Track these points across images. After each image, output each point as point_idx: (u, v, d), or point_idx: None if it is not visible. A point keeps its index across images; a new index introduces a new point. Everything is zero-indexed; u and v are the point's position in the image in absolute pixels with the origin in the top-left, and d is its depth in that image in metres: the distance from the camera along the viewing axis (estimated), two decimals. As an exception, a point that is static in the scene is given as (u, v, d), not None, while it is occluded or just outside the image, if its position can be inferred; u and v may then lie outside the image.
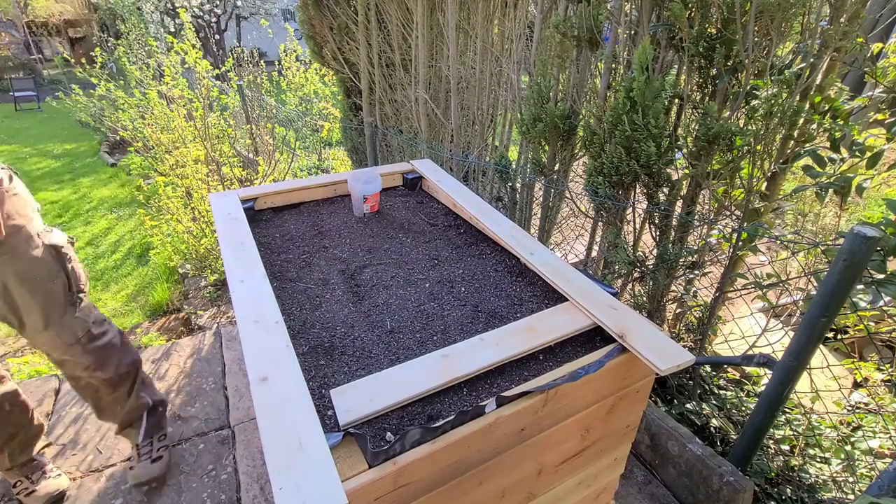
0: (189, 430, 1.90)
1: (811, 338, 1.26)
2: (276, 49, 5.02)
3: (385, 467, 0.77)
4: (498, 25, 2.66)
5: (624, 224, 1.97)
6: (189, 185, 3.14)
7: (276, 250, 1.43)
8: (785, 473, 1.60)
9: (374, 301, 1.21)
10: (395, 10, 3.01)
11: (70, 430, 1.90)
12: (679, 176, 1.79)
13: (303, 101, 4.91)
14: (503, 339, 1.03)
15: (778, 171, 1.64)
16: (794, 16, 1.37)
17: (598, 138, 1.79)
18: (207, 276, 3.19)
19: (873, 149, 1.45)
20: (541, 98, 1.99)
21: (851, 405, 1.85)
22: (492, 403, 0.87)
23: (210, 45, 11.50)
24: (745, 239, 1.60)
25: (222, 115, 3.64)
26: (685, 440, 1.59)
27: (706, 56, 1.52)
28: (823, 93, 1.48)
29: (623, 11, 1.81)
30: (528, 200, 2.55)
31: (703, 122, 1.56)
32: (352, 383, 0.92)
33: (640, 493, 1.67)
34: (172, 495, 1.65)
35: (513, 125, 2.75)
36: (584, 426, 1.08)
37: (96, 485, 1.69)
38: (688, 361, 0.96)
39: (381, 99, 3.46)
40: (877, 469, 1.52)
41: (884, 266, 1.19)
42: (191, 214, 3.21)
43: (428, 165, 1.91)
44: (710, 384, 1.96)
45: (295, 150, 4.66)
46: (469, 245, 1.49)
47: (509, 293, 1.25)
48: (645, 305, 1.96)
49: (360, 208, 1.64)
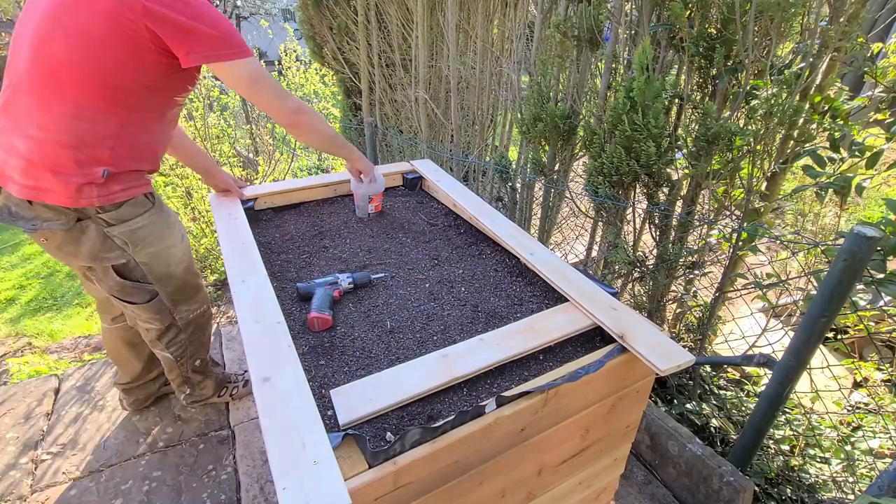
0: (189, 430, 1.90)
1: (811, 338, 1.26)
2: (276, 49, 5.01)
3: (385, 467, 0.77)
4: (498, 25, 2.66)
5: (624, 224, 1.97)
6: (189, 184, 3.13)
7: (276, 250, 1.43)
8: (785, 473, 1.60)
9: (373, 301, 1.21)
10: (395, 10, 3.01)
11: (70, 430, 1.90)
12: (679, 176, 1.79)
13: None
14: (503, 339, 1.03)
15: (778, 171, 1.64)
16: (794, 16, 1.37)
17: (598, 138, 1.79)
18: (207, 275, 3.19)
19: (873, 149, 1.45)
20: (541, 98, 1.99)
21: (851, 405, 1.85)
22: (492, 403, 0.87)
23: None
24: (745, 239, 1.60)
25: (222, 115, 3.64)
26: (685, 440, 1.59)
27: (706, 56, 1.52)
28: (823, 93, 1.48)
29: (623, 11, 1.81)
30: (528, 200, 2.55)
31: (703, 122, 1.56)
32: (352, 383, 0.92)
33: (640, 493, 1.67)
34: (172, 495, 1.65)
35: (513, 125, 2.75)
36: (584, 426, 1.08)
37: (96, 485, 1.69)
38: (688, 361, 0.96)
39: (381, 99, 3.46)
40: (877, 469, 1.52)
41: (884, 266, 1.19)
42: (191, 214, 3.21)
43: (428, 165, 1.91)
44: (710, 384, 1.96)
45: (295, 150, 4.66)
46: (469, 245, 1.49)
47: (509, 293, 1.25)
48: (645, 305, 1.96)
49: (365, 209, 1.64)
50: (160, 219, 1.39)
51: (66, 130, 1.12)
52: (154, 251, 1.39)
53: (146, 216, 1.33)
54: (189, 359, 1.68)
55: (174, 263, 1.45)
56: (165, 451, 1.82)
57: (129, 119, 1.19)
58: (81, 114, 1.12)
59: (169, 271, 1.45)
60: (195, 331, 1.64)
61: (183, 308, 1.56)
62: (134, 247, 1.34)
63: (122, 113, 1.17)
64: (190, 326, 1.61)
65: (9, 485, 1.68)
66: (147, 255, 1.38)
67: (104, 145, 1.16)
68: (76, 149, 1.14)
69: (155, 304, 1.48)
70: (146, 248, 1.36)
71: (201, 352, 1.72)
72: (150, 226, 1.35)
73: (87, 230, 1.25)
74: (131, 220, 1.29)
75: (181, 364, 1.68)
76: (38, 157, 1.13)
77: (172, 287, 1.49)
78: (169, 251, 1.43)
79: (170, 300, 1.51)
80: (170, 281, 1.47)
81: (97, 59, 1.08)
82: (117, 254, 1.33)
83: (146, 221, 1.33)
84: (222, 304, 2.94)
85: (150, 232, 1.35)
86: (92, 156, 1.16)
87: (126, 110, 1.17)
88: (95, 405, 2.02)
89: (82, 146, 1.14)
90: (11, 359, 2.62)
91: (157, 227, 1.37)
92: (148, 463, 1.77)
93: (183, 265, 1.49)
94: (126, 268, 1.38)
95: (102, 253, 1.30)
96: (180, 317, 1.56)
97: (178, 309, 1.54)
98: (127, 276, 1.39)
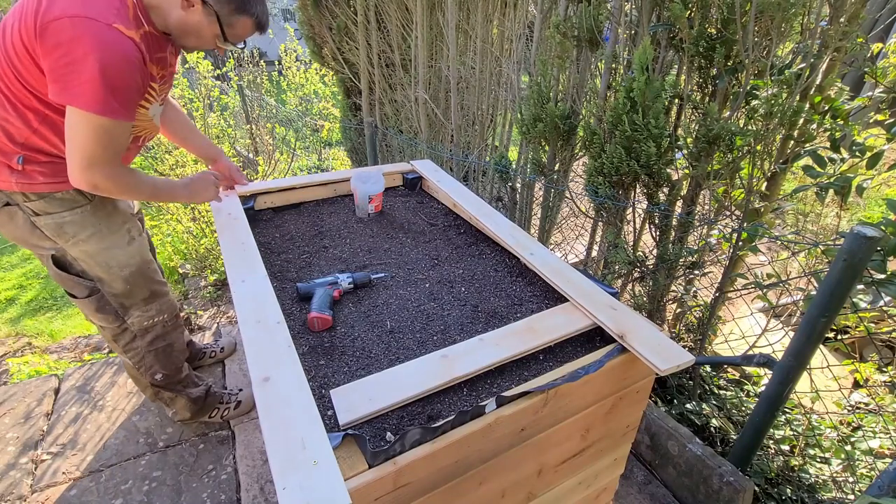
0: (189, 430, 1.90)
1: (811, 338, 1.26)
2: (276, 49, 5.01)
3: (385, 467, 0.77)
4: (498, 25, 2.66)
5: (624, 224, 1.97)
6: (189, 185, 3.13)
7: (276, 250, 1.43)
8: (785, 473, 1.60)
9: (373, 301, 1.21)
10: (395, 10, 3.01)
11: (70, 430, 1.90)
12: (679, 176, 1.79)
13: (303, 101, 4.91)
14: (503, 339, 1.03)
15: (778, 172, 1.64)
16: (794, 16, 1.37)
17: (598, 138, 1.79)
18: (207, 276, 3.19)
19: (873, 149, 1.45)
20: (541, 98, 1.99)
21: (851, 405, 1.85)
22: (492, 403, 0.87)
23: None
24: (745, 239, 1.60)
25: (222, 115, 3.64)
26: (685, 440, 1.59)
27: (706, 56, 1.52)
28: (823, 93, 1.48)
29: (623, 11, 1.81)
30: (528, 200, 2.55)
31: (704, 123, 1.56)
32: (352, 383, 0.92)
33: (640, 493, 1.67)
34: (172, 495, 1.65)
35: (513, 125, 2.75)
36: (584, 426, 1.08)
37: (96, 485, 1.69)
38: (688, 361, 0.96)
39: (380, 99, 3.46)
40: (877, 469, 1.52)
41: (884, 266, 1.19)
42: (191, 214, 3.21)
43: (428, 166, 1.91)
44: (710, 384, 1.96)
45: (295, 150, 4.66)
46: (469, 245, 1.49)
47: (509, 293, 1.25)
48: (645, 305, 1.96)
49: (365, 209, 1.63)
50: (97, 218, 1.38)
51: None
52: (88, 249, 1.39)
53: (77, 212, 1.34)
54: (148, 369, 1.65)
55: (116, 266, 1.44)
56: (165, 451, 1.82)
57: (45, 122, 1.23)
58: (2, 106, 1.21)
59: (109, 273, 1.44)
60: (155, 340, 1.61)
61: (135, 313, 1.53)
62: (63, 240, 1.35)
63: (38, 116, 1.22)
64: (148, 334, 1.58)
65: (9, 485, 1.68)
66: (81, 252, 1.39)
67: (16, 140, 1.23)
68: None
69: (95, 301, 1.47)
70: (78, 244, 1.37)
71: (165, 366, 1.67)
72: (82, 223, 1.35)
73: (14, 216, 1.31)
74: (57, 212, 1.31)
75: (141, 373, 1.66)
76: None
77: (117, 289, 1.47)
78: (109, 252, 1.42)
79: (116, 302, 1.50)
80: (113, 282, 1.46)
81: (10, 66, 1.16)
82: (49, 244, 1.36)
83: (76, 217, 1.34)
84: (222, 304, 2.94)
85: (82, 228, 1.35)
86: (7, 145, 1.23)
87: (41, 115, 1.22)
88: (95, 405, 2.02)
89: (1, 134, 1.23)
90: (11, 359, 2.62)
91: (92, 226, 1.37)
92: (148, 463, 1.77)
93: (128, 269, 1.46)
94: (63, 260, 1.41)
95: (33, 240, 1.35)
96: (133, 321, 1.54)
97: (129, 313, 1.53)
98: (66, 268, 1.42)
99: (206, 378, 1.96)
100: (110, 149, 1.19)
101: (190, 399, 1.80)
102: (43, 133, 1.23)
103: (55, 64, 1.09)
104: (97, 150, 1.17)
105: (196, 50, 1.42)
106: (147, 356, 1.62)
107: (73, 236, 1.35)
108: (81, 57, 1.07)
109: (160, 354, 1.64)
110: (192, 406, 1.81)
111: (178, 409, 1.81)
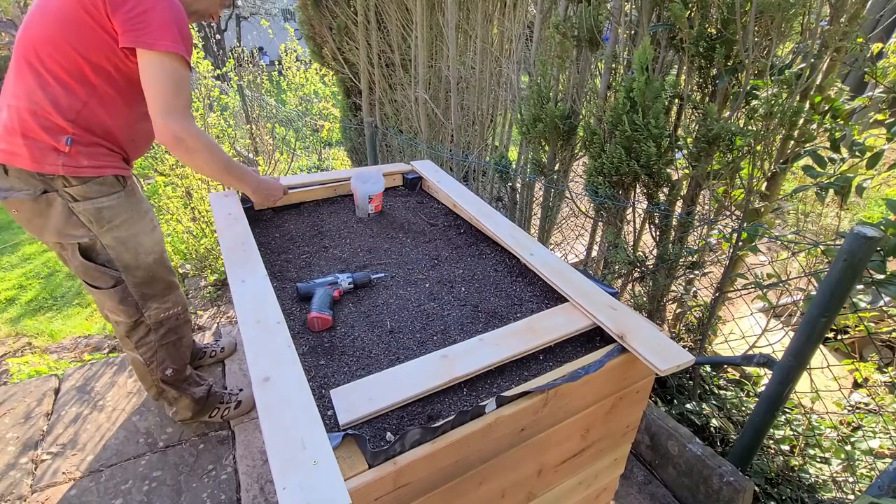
0: (189, 430, 1.90)
1: (811, 338, 1.26)
2: (277, 49, 5.02)
3: (385, 467, 0.77)
4: (497, 25, 2.66)
5: (624, 224, 1.97)
6: (189, 184, 3.13)
7: (276, 250, 1.43)
8: (785, 473, 1.60)
9: (373, 301, 1.21)
10: (395, 10, 3.01)
11: (70, 430, 1.90)
12: (679, 176, 1.79)
13: (303, 101, 4.91)
14: (503, 339, 1.03)
15: (778, 172, 1.64)
16: (794, 16, 1.37)
17: (598, 138, 1.79)
18: (207, 276, 3.19)
19: (873, 149, 1.45)
20: (541, 98, 1.99)
21: (851, 405, 1.85)
22: (492, 403, 0.87)
23: (210, 44, 11.50)
24: (745, 239, 1.60)
25: (222, 115, 3.64)
26: (685, 440, 1.59)
27: (706, 56, 1.52)
28: (823, 93, 1.48)
29: (623, 11, 1.81)
30: (528, 200, 2.55)
31: (703, 123, 1.56)
32: (352, 383, 0.92)
33: (640, 493, 1.67)
34: (172, 495, 1.65)
35: (513, 125, 2.75)
36: (584, 426, 1.08)
37: (96, 485, 1.69)
38: (688, 361, 0.96)
39: (380, 99, 3.46)
40: (877, 469, 1.52)
41: (884, 266, 1.19)
42: (191, 214, 3.21)
43: (428, 166, 1.91)
44: (710, 384, 1.96)
45: (295, 150, 4.66)
46: (469, 245, 1.49)
47: (509, 293, 1.25)
48: (645, 305, 1.96)
49: (365, 209, 1.63)
50: (130, 204, 1.40)
51: (33, 98, 1.23)
52: (121, 235, 1.39)
53: (114, 197, 1.35)
54: (159, 365, 1.64)
55: (143, 252, 1.45)
56: (165, 451, 1.82)
57: (94, 96, 1.27)
58: (47, 84, 1.23)
59: (137, 260, 1.45)
60: (167, 334, 1.61)
61: (153, 305, 1.54)
62: (99, 227, 1.35)
63: (86, 89, 1.26)
64: (161, 327, 1.59)
65: (9, 485, 1.68)
66: (113, 239, 1.39)
67: (67, 116, 1.25)
68: (42, 116, 1.24)
69: (119, 292, 1.47)
70: (112, 230, 1.37)
71: (175, 361, 1.68)
72: (117, 208, 1.36)
73: (52, 203, 1.30)
74: (97, 198, 1.32)
75: (152, 369, 1.65)
76: (11, 122, 1.24)
77: (140, 278, 1.48)
78: (137, 238, 1.43)
79: (138, 293, 1.50)
80: (137, 270, 1.46)
81: (61, 34, 1.21)
82: (82, 232, 1.35)
83: (113, 203, 1.35)
84: (222, 304, 2.94)
85: (117, 214, 1.37)
86: (56, 123, 1.25)
87: (90, 87, 1.26)
88: (95, 405, 2.02)
89: (47, 114, 1.24)
90: (11, 359, 2.62)
91: (126, 211, 1.38)
92: (148, 463, 1.77)
93: (153, 256, 1.48)
94: (92, 249, 1.40)
95: (67, 229, 1.34)
96: (150, 314, 1.54)
97: (147, 305, 1.53)
98: (93, 258, 1.41)
99: (207, 378, 1.96)
100: (182, 96, 1.25)
101: (193, 399, 1.80)
102: (93, 107, 1.27)
103: (127, 15, 1.17)
104: (171, 96, 1.23)
105: (201, 16, 1.49)
106: (160, 350, 1.62)
107: (109, 222, 1.36)
108: (153, 5, 1.18)
109: (171, 348, 1.65)
110: (194, 406, 1.82)
111: (181, 409, 1.81)
